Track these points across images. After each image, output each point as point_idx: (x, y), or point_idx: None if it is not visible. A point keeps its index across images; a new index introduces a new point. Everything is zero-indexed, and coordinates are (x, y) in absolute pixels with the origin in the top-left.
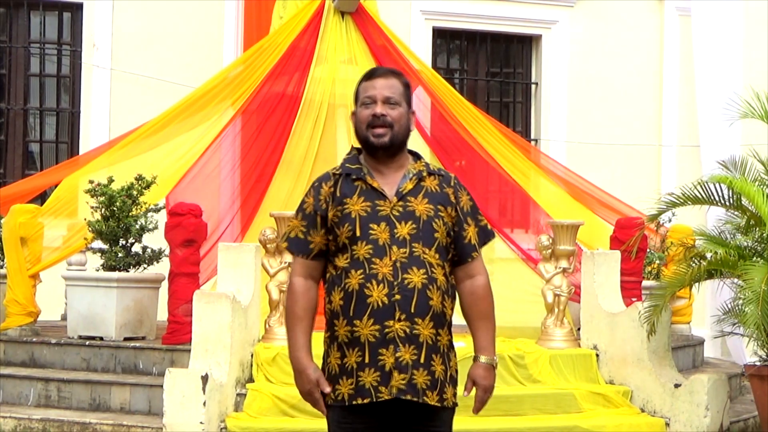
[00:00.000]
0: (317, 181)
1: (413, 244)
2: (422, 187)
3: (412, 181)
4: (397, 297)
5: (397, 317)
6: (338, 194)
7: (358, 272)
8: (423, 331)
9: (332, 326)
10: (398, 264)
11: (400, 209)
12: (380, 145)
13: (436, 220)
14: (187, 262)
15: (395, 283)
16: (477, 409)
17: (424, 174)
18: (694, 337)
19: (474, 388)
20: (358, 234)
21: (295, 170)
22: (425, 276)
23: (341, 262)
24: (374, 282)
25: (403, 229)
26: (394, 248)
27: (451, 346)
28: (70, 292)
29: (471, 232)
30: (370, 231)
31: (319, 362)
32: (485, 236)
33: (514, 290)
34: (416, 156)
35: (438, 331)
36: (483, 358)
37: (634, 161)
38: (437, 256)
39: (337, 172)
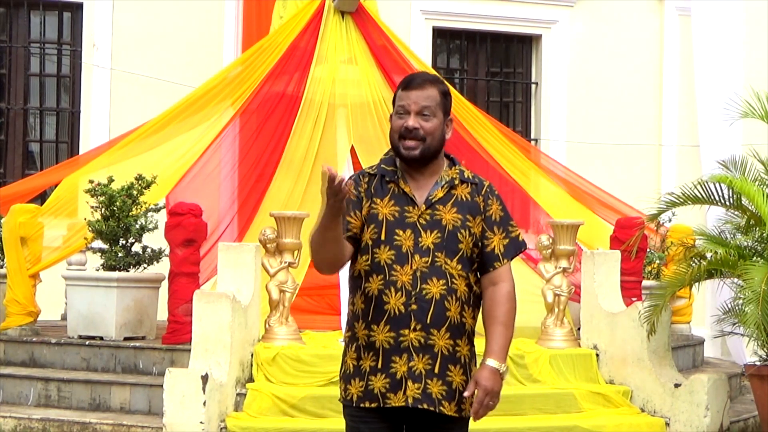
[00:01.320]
0: (354, 174)
1: (436, 254)
2: (452, 195)
3: (443, 189)
4: (414, 307)
5: (412, 327)
6: (372, 191)
7: (378, 278)
8: (438, 342)
9: (353, 327)
10: (418, 273)
11: (428, 218)
12: (410, 158)
13: (462, 231)
14: (187, 261)
15: (413, 292)
16: (475, 412)
17: (456, 182)
18: (694, 337)
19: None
20: (383, 238)
21: (295, 170)
22: (444, 287)
23: (361, 264)
24: (393, 289)
25: (428, 239)
26: (416, 257)
27: (473, 356)
28: (70, 291)
29: (496, 242)
30: (395, 237)
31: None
32: (515, 248)
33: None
34: (452, 161)
35: (456, 342)
36: (489, 362)
37: (634, 161)
38: (459, 266)
39: (373, 172)
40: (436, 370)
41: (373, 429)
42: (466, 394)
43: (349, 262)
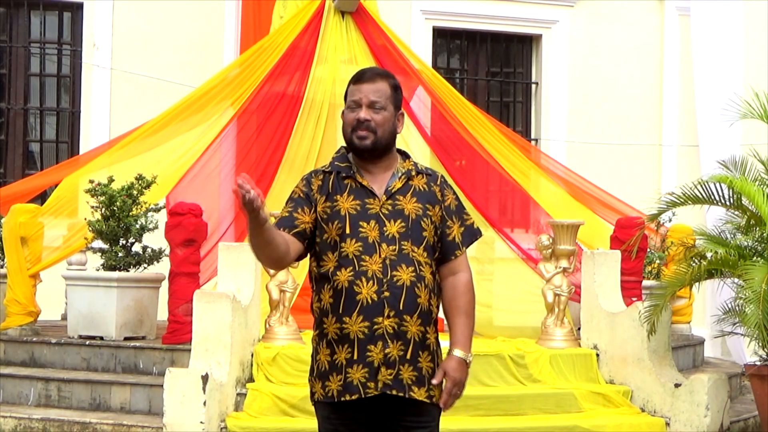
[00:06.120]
0: (307, 175)
1: (402, 242)
2: (411, 186)
3: (401, 180)
4: (386, 294)
5: (386, 314)
6: (330, 190)
7: (348, 270)
8: (411, 328)
9: (321, 324)
10: (387, 261)
11: (390, 207)
12: (363, 147)
13: (425, 219)
14: (187, 261)
15: (384, 280)
16: (445, 403)
17: (413, 173)
18: (694, 337)
19: (444, 380)
20: (347, 231)
21: (296, 170)
22: (414, 274)
23: (330, 260)
24: (363, 279)
25: (393, 227)
26: (384, 246)
27: (438, 344)
28: (71, 291)
29: (455, 231)
30: (360, 229)
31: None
32: (471, 235)
33: (514, 290)
34: (405, 155)
35: (426, 329)
36: (456, 352)
37: (634, 161)
38: (425, 254)
39: (327, 170)
40: (408, 356)
41: (351, 426)
42: (434, 381)
43: (309, 261)
